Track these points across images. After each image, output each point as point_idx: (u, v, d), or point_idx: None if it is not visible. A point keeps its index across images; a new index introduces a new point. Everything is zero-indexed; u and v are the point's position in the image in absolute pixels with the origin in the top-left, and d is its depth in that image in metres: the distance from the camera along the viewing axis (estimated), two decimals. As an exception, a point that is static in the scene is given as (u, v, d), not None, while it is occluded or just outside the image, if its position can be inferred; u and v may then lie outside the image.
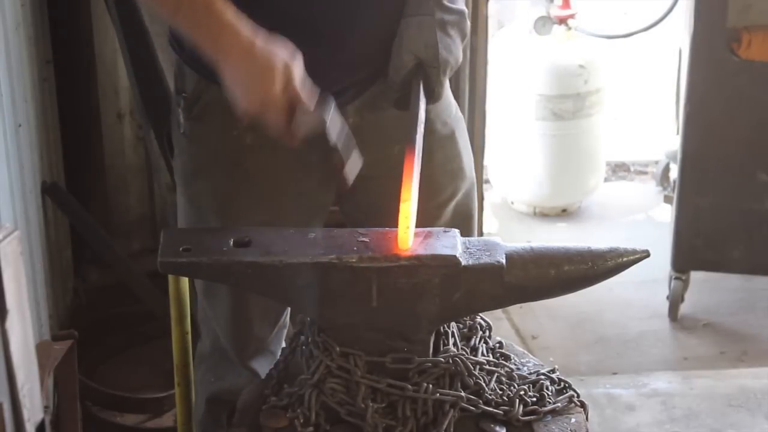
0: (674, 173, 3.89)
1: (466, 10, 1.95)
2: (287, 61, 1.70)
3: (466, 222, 2.13)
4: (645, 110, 5.07)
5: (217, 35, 1.71)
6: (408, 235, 1.65)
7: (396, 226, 1.67)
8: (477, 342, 1.77)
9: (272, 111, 1.70)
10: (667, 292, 3.70)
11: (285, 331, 2.21)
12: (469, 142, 2.17)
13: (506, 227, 4.32)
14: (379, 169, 1.96)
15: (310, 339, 1.69)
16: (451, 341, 1.71)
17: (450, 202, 2.10)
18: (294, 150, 1.94)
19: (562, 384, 1.76)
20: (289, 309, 2.16)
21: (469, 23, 1.96)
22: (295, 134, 1.72)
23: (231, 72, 1.72)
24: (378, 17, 1.93)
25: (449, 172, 2.08)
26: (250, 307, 2.08)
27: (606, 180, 4.69)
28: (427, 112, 1.90)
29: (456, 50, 1.92)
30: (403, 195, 1.67)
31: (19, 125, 2.82)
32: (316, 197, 2.05)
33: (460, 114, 2.14)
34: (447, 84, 2.03)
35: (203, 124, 1.99)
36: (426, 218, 1.82)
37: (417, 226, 1.68)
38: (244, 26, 1.71)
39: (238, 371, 2.14)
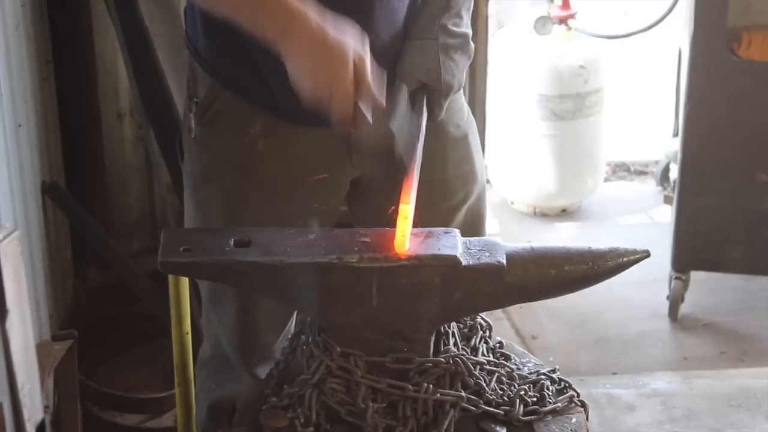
0: (674, 173, 3.89)
1: (470, 32, 1.96)
2: (358, 49, 1.67)
3: (477, 226, 2.13)
4: (645, 110, 5.07)
5: (287, 25, 1.66)
6: (406, 237, 1.65)
7: None
8: (477, 342, 1.77)
9: (341, 100, 1.67)
10: (667, 292, 3.69)
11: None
12: (480, 146, 2.17)
13: (506, 227, 4.31)
14: (390, 173, 1.97)
15: (310, 339, 1.69)
16: (451, 341, 1.71)
17: (463, 206, 2.09)
18: (305, 157, 1.94)
19: (563, 384, 1.76)
20: (295, 316, 2.15)
21: (473, 45, 1.97)
22: (360, 122, 1.69)
23: (300, 61, 1.67)
24: (392, 26, 1.93)
25: (462, 175, 2.08)
26: (257, 314, 2.06)
27: (606, 180, 4.69)
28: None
29: (459, 73, 1.93)
30: (403, 198, 1.67)
31: (19, 125, 2.82)
32: (326, 203, 2.05)
33: (472, 117, 2.15)
34: (461, 92, 2.04)
35: (215, 129, 1.98)
36: (439, 221, 1.82)
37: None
38: (312, 13, 1.66)
39: (240, 378, 2.12)
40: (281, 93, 1.92)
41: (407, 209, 1.65)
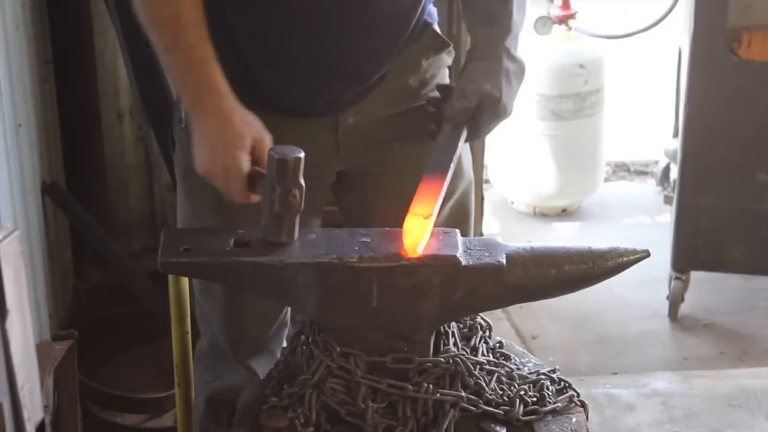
0: (674, 173, 3.89)
1: (525, 60, 2.00)
2: (261, 135, 1.75)
3: (462, 222, 2.14)
4: (645, 110, 5.07)
5: (202, 92, 1.76)
6: (422, 242, 1.64)
7: (395, 223, 1.67)
8: (477, 342, 1.77)
9: (232, 179, 1.73)
10: (667, 292, 3.69)
11: (285, 331, 2.20)
12: (466, 143, 2.17)
13: (506, 227, 4.31)
14: (378, 167, 1.98)
15: (310, 339, 1.69)
16: (451, 341, 1.71)
17: (448, 202, 2.10)
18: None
19: (563, 384, 1.76)
20: (288, 307, 2.16)
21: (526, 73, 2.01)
22: (250, 199, 1.76)
23: (203, 131, 1.76)
24: (383, 29, 1.94)
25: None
26: (245, 303, 2.07)
27: (606, 180, 4.69)
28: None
29: (513, 99, 1.97)
30: (422, 210, 1.67)
31: (19, 125, 2.82)
32: (312, 195, 2.05)
33: None
34: None
35: None
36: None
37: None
38: (229, 94, 1.76)
39: (236, 369, 2.14)
40: (266, 83, 1.93)
41: (425, 224, 1.65)
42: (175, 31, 1.76)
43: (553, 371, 1.78)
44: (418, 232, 1.64)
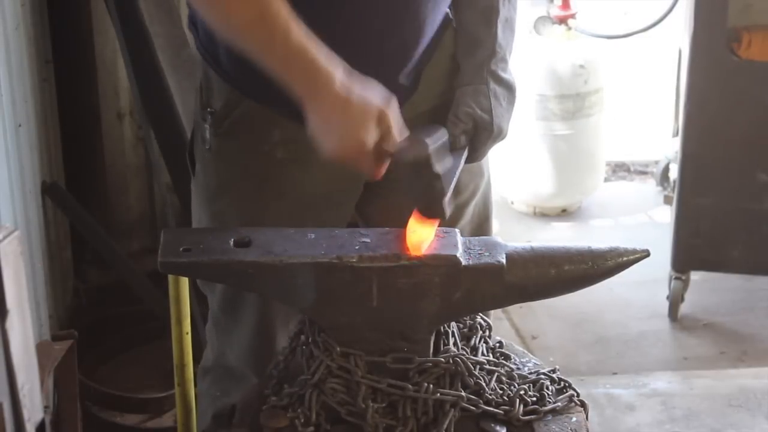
0: (674, 173, 3.89)
1: (515, 80, 2.02)
2: (383, 108, 1.67)
3: (485, 219, 2.14)
4: (645, 110, 5.07)
5: (312, 80, 1.66)
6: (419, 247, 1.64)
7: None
8: (477, 342, 1.77)
9: (365, 159, 1.68)
10: (667, 292, 3.70)
11: None
12: None
13: (506, 227, 4.32)
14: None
15: (310, 339, 1.69)
16: (451, 341, 1.71)
17: (471, 201, 2.10)
18: (323, 164, 1.93)
19: (562, 384, 1.76)
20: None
21: (517, 95, 2.02)
22: (381, 173, 1.72)
23: (322, 119, 1.67)
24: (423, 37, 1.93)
25: (469, 169, 2.08)
26: (274, 323, 2.05)
27: (606, 180, 4.69)
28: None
29: (507, 121, 1.99)
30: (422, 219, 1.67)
31: (19, 125, 2.82)
32: (343, 209, 2.04)
33: None
34: None
35: (233, 139, 1.96)
36: (448, 219, 1.82)
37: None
38: (338, 71, 1.66)
39: (245, 388, 2.11)
40: None
41: (427, 231, 1.65)
42: (264, 29, 1.65)
43: (553, 371, 1.78)
44: (420, 233, 1.64)
